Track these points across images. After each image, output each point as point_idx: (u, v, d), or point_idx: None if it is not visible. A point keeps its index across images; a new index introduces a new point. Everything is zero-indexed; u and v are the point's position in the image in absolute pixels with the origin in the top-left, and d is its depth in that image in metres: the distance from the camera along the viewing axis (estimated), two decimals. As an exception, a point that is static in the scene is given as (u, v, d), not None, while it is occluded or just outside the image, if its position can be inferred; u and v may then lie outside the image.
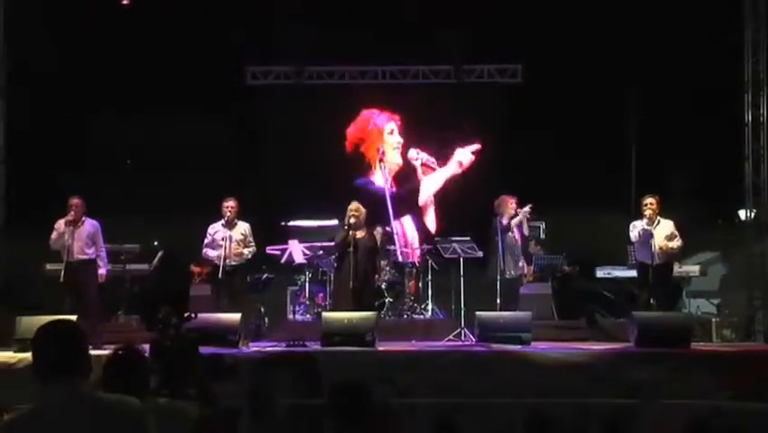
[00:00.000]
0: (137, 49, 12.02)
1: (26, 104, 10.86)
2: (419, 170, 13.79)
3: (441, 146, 13.57)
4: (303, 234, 12.07)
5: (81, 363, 2.74)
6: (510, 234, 10.08)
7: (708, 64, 11.53)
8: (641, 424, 6.50)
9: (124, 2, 11.74)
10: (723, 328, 10.36)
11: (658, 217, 9.54)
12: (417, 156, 13.74)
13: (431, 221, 13.69)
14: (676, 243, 9.57)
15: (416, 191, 13.76)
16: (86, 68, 11.98)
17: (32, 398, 2.73)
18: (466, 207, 12.39)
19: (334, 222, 11.26)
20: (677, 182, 11.93)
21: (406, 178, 13.84)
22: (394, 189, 13.48)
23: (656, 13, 11.78)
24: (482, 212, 10.66)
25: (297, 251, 11.64)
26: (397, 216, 13.14)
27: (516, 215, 10.10)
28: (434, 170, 13.77)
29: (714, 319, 10.58)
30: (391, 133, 13.90)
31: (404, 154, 13.81)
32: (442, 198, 13.56)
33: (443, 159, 13.67)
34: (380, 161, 13.58)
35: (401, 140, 13.82)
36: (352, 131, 13.78)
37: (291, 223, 12.57)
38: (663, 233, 9.52)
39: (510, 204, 10.13)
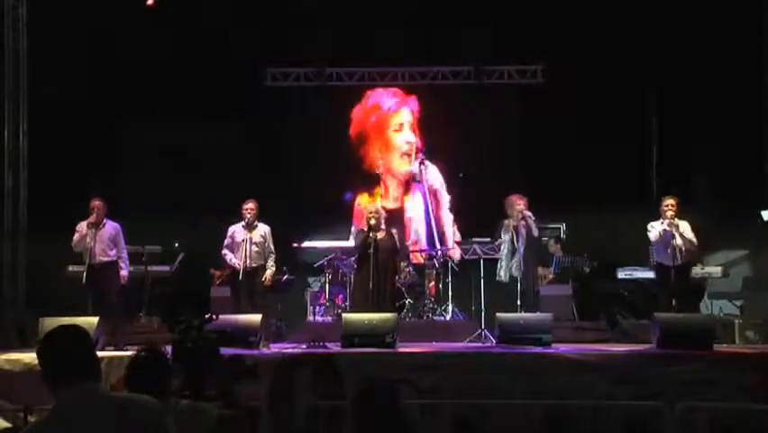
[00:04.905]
0: (159, 52, 12.07)
1: (50, 106, 10.92)
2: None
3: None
4: (315, 256, 11.91)
5: (90, 367, 2.75)
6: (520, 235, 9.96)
7: (730, 64, 11.44)
8: (663, 426, 6.45)
9: (149, 2, 11.76)
10: (746, 330, 10.24)
11: (675, 219, 9.48)
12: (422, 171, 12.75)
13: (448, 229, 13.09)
14: (694, 238, 9.50)
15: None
16: (111, 70, 12.06)
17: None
18: (485, 207, 12.33)
19: (349, 243, 11.25)
20: (699, 182, 11.85)
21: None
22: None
23: (677, 12, 11.71)
24: (502, 213, 10.60)
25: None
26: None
27: (522, 217, 9.97)
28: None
29: (737, 321, 10.48)
30: (399, 129, 13.10)
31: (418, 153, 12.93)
32: (461, 197, 13.17)
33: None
34: (384, 172, 12.91)
35: (414, 138, 13.16)
36: (356, 117, 13.16)
37: (305, 244, 12.32)
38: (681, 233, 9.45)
39: (516, 204, 9.98)
